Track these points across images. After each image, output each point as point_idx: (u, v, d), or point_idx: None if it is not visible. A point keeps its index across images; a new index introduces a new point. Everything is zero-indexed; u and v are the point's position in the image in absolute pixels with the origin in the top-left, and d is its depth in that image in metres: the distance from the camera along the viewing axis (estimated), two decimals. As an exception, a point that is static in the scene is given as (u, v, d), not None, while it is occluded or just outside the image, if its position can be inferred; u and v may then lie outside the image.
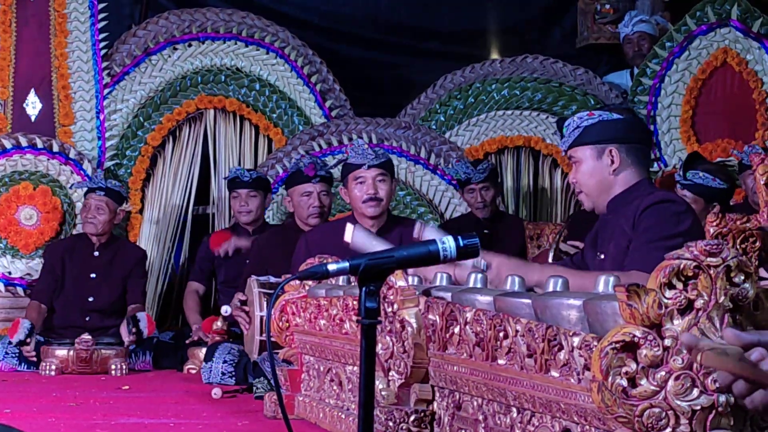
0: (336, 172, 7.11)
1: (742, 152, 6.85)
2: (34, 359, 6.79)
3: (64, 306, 7.23)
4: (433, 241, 2.51)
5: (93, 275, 7.31)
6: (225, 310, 6.24)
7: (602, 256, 4.11)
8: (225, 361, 6.22)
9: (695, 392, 2.47)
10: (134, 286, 7.36)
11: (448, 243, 2.50)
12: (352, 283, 4.36)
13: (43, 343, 6.87)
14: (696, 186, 6.25)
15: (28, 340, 6.79)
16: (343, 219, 6.03)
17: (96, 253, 7.35)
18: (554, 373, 2.81)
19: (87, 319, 7.14)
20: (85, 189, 7.41)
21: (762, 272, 5.03)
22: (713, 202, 6.20)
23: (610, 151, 4.07)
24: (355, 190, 5.62)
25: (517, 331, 2.97)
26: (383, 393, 3.69)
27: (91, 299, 7.27)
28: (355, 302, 4.08)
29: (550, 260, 6.65)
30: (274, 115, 8.43)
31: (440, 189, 8.27)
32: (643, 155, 4.16)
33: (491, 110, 8.67)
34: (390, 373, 3.72)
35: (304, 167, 6.69)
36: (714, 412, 2.47)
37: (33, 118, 7.98)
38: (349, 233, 4.37)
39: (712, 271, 2.47)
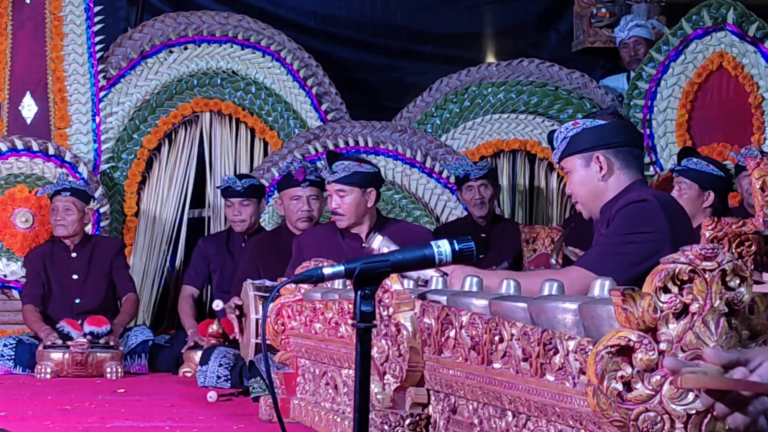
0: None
1: (738, 154, 6.86)
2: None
3: (54, 311, 7.21)
4: (429, 245, 2.51)
5: (75, 276, 7.29)
6: (216, 304, 6.24)
7: None
8: (221, 365, 6.23)
9: (690, 396, 2.47)
10: (120, 277, 7.36)
11: (443, 247, 2.50)
12: (348, 287, 4.35)
13: (37, 346, 6.88)
14: (690, 171, 6.27)
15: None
16: (335, 222, 6.06)
17: (74, 254, 7.33)
18: (549, 377, 2.81)
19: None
20: (50, 192, 7.37)
21: (765, 276, 5.04)
22: (708, 189, 6.23)
23: (597, 157, 4.06)
24: (329, 201, 5.85)
25: (512, 335, 2.97)
26: (378, 396, 3.69)
27: (78, 301, 7.25)
28: (350, 306, 4.08)
29: (553, 263, 6.66)
30: (270, 119, 8.43)
31: (436, 192, 8.27)
32: (633, 157, 4.14)
33: (487, 114, 8.67)
34: (385, 377, 3.72)
35: (294, 171, 6.71)
36: (709, 416, 2.47)
37: (28, 121, 7.97)
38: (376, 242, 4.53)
39: (707, 275, 2.47)
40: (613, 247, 3.90)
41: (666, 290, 2.47)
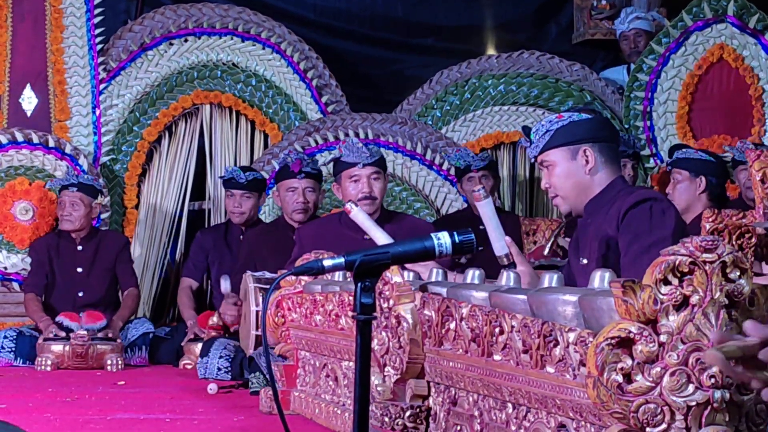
0: (327, 168, 7.11)
1: (734, 148, 6.89)
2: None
3: (56, 302, 7.22)
4: (429, 237, 2.51)
5: (80, 269, 7.31)
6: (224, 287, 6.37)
7: (585, 261, 4.09)
8: (221, 357, 6.22)
9: (690, 388, 2.47)
10: (124, 271, 7.38)
11: (443, 239, 2.50)
12: (348, 279, 4.36)
13: (38, 338, 6.89)
14: (681, 161, 6.39)
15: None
16: (337, 214, 6.04)
17: (80, 248, 7.35)
18: (550, 369, 2.81)
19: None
20: (58, 187, 7.39)
21: (765, 268, 5.05)
22: (699, 175, 6.30)
23: (584, 150, 4.06)
24: (350, 188, 5.64)
25: (512, 327, 2.97)
26: (379, 388, 3.69)
27: (81, 294, 7.27)
28: (350, 298, 4.08)
29: (545, 254, 6.65)
30: (270, 111, 8.43)
31: (436, 184, 8.27)
32: (615, 153, 4.16)
33: (487, 106, 8.67)
34: (386, 369, 3.72)
35: (290, 162, 6.70)
36: (709, 407, 2.47)
37: (29, 114, 7.97)
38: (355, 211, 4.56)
39: (707, 267, 2.47)
40: (658, 245, 3.86)
41: (666, 282, 2.47)
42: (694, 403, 2.47)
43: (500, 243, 3.90)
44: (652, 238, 3.88)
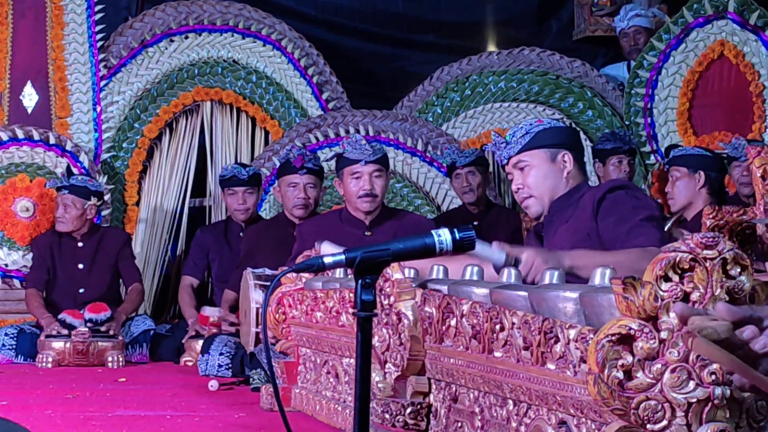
0: (330, 164, 7.11)
1: (728, 145, 6.94)
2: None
3: (58, 299, 7.23)
4: (430, 234, 2.51)
5: (81, 266, 7.32)
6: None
7: None
8: (222, 353, 6.23)
9: (691, 385, 2.47)
10: (127, 267, 7.39)
11: (444, 236, 2.50)
12: (349, 276, 4.36)
13: (38, 335, 6.89)
14: (678, 158, 6.47)
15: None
16: (338, 210, 6.04)
17: (80, 244, 7.35)
18: (550, 366, 2.81)
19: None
20: (56, 187, 7.40)
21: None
22: (698, 170, 6.34)
23: (564, 155, 4.22)
24: (351, 185, 5.64)
25: (513, 324, 2.97)
26: (380, 385, 3.69)
27: (82, 291, 7.27)
28: (351, 295, 4.08)
29: None
30: (271, 108, 8.43)
31: (437, 181, 8.27)
32: (583, 164, 4.34)
33: (488, 102, 8.67)
34: (386, 366, 3.72)
35: (292, 158, 6.70)
36: (710, 404, 2.47)
37: (29, 110, 7.97)
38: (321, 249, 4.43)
39: (708, 264, 2.47)
40: (650, 221, 3.98)
41: (667, 279, 2.47)
42: (694, 400, 2.47)
43: (495, 256, 3.88)
44: (640, 215, 4.00)
